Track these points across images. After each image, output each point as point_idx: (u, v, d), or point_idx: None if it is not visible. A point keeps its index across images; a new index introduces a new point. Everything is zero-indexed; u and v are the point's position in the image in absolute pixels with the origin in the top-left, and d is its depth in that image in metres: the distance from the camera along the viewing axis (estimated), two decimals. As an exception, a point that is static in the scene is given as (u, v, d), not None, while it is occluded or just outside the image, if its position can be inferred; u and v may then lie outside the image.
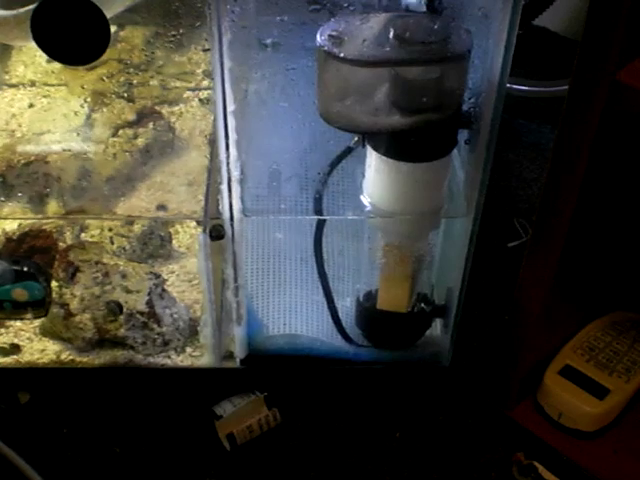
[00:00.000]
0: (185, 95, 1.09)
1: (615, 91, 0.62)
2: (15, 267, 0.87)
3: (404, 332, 0.90)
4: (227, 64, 0.68)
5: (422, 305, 0.88)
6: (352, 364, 0.91)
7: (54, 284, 0.91)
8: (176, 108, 1.07)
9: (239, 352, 0.90)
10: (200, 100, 1.03)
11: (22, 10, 0.74)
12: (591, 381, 0.84)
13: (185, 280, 0.97)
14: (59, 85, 1.01)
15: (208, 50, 0.69)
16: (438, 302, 0.89)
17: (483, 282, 1.01)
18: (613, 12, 0.59)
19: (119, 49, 1.11)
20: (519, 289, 0.80)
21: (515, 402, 0.87)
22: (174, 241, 1.01)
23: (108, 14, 0.69)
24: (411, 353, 0.91)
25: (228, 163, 0.74)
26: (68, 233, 0.97)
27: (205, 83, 1.02)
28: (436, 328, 0.93)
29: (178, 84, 1.09)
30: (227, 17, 0.66)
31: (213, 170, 0.81)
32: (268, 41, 0.72)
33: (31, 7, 0.67)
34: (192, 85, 1.08)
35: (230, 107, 0.71)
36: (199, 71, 1.01)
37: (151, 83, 1.06)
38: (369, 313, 0.88)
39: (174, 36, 0.98)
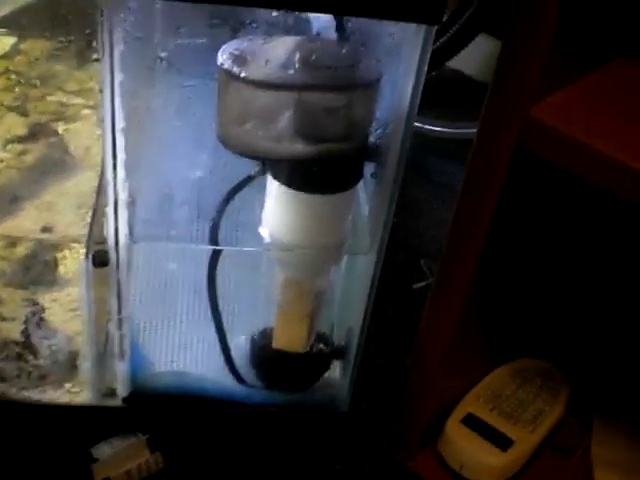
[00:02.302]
0: (83, 112, 1.05)
1: (528, 128, 0.60)
2: None
3: (300, 374, 0.86)
4: (118, 77, 0.63)
5: (321, 345, 0.84)
6: (244, 406, 0.86)
7: None
8: (72, 125, 1.03)
9: (121, 389, 0.84)
10: (99, 119, 0.99)
11: None
12: (494, 431, 0.81)
13: (68, 310, 0.91)
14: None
15: (98, 60, 0.64)
16: (338, 343, 0.85)
17: (386, 324, 0.98)
18: (530, 44, 0.57)
19: (17, 61, 1.05)
20: (422, 333, 0.77)
21: (415, 451, 0.84)
22: (60, 267, 0.95)
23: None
24: (307, 396, 0.87)
25: (115, 184, 0.68)
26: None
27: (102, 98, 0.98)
28: (335, 370, 0.88)
29: (77, 100, 1.05)
30: (120, 26, 0.61)
31: (100, 192, 0.75)
32: (164, 55, 0.67)
33: None
34: (92, 103, 1.04)
35: (120, 124, 0.65)
36: (98, 88, 0.97)
37: (49, 98, 1.03)
38: (264, 352, 0.84)
39: (72, 48, 0.94)
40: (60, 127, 1.04)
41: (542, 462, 0.83)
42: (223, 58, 0.66)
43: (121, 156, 0.67)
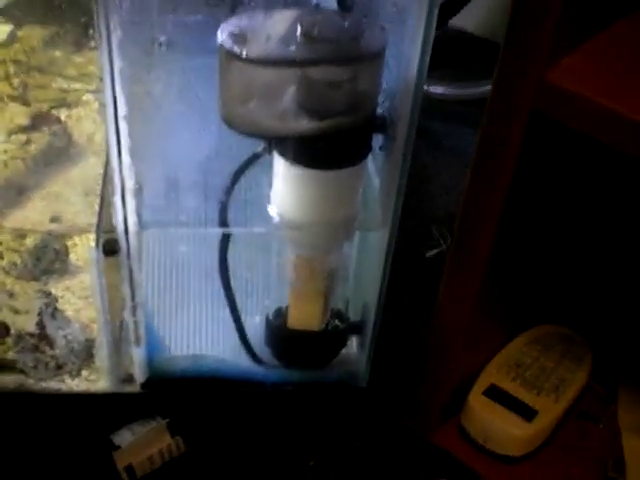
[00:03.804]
0: (84, 98, 1.03)
1: (542, 91, 0.58)
2: None
3: (317, 351, 0.85)
4: (117, 64, 0.62)
5: (336, 322, 0.83)
6: (262, 386, 0.86)
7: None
8: (74, 111, 1.02)
9: (139, 375, 0.84)
10: (100, 103, 0.98)
11: None
12: (518, 402, 0.80)
13: (82, 297, 0.91)
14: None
15: (96, 49, 0.63)
16: (354, 319, 0.85)
17: (400, 294, 0.97)
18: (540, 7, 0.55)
19: (15, 49, 1.04)
20: (440, 304, 0.76)
21: (437, 425, 0.83)
22: (71, 255, 0.94)
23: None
24: (325, 373, 0.87)
25: (121, 172, 0.67)
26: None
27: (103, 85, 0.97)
28: (352, 346, 0.88)
29: (78, 86, 1.04)
30: (116, 12, 0.60)
31: (107, 179, 0.74)
32: (163, 39, 0.66)
33: None
34: (92, 87, 1.03)
35: (122, 111, 0.64)
36: (98, 73, 0.96)
37: (49, 86, 1.02)
38: (279, 331, 0.83)
39: (69, 35, 0.93)
40: (62, 114, 1.02)
41: (568, 431, 0.83)
42: (223, 37, 0.65)
43: (125, 143, 0.66)
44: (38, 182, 0.93)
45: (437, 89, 1.30)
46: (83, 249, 0.95)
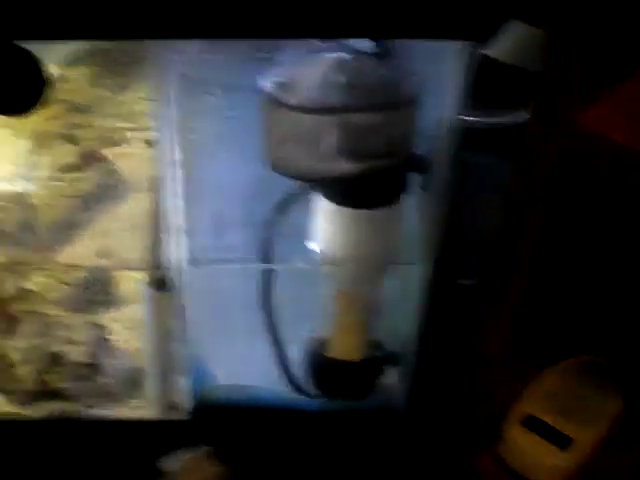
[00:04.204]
0: (129, 135, 1.06)
1: (575, 136, 0.61)
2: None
3: (357, 381, 0.87)
4: (171, 113, 0.66)
5: (375, 353, 0.86)
6: (303, 414, 0.88)
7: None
8: (119, 149, 1.05)
9: (185, 403, 0.87)
10: (144, 141, 1.01)
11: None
12: (553, 431, 0.81)
13: (128, 327, 0.94)
14: (2, 127, 0.98)
15: (153, 100, 0.67)
16: (392, 349, 0.87)
17: (435, 322, 0.99)
18: (572, 54, 0.58)
19: (63, 89, 1.08)
20: (478, 338, 0.77)
21: (474, 453, 0.85)
22: (117, 287, 0.98)
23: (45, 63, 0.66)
24: (364, 402, 0.89)
25: (173, 213, 0.71)
26: (8, 281, 0.94)
27: (149, 124, 1.00)
28: (391, 375, 0.90)
29: (123, 125, 1.07)
30: (171, 66, 0.64)
31: (157, 219, 0.78)
32: (213, 89, 0.70)
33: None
34: (136, 126, 1.06)
35: (175, 156, 0.68)
36: (143, 111, 0.99)
37: (95, 124, 1.05)
38: (320, 362, 0.86)
39: (118, 76, 0.96)
40: (109, 152, 1.05)
41: (603, 459, 0.83)
42: (267, 85, 0.68)
43: (178, 186, 0.69)
44: (87, 218, 0.96)
45: (467, 117, 1.32)
46: (128, 282, 0.98)
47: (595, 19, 0.58)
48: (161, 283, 0.76)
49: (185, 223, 0.71)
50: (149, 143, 0.99)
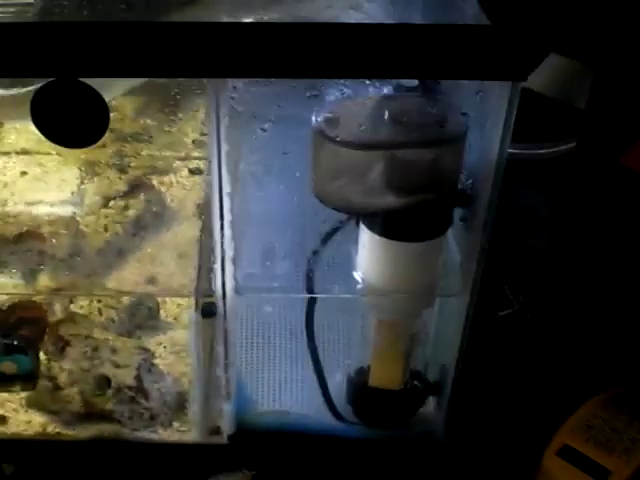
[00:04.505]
0: (175, 165, 1.09)
1: (618, 175, 0.62)
2: (4, 340, 0.87)
3: (396, 410, 0.89)
4: (224, 147, 0.68)
5: (415, 382, 0.87)
6: (343, 441, 0.89)
7: (43, 357, 0.90)
8: (166, 178, 1.07)
9: (227, 428, 0.89)
10: (190, 170, 1.04)
11: (22, 90, 0.74)
12: (591, 462, 0.82)
13: (173, 352, 0.96)
14: (52, 154, 1.01)
15: (205, 135, 0.70)
16: (432, 379, 0.88)
17: (475, 353, 0.99)
18: (618, 96, 0.60)
19: (111, 119, 1.11)
20: (517, 369, 0.78)
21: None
22: (161, 311, 1.00)
23: (107, 97, 0.69)
24: (403, 430, 0.90)
25: (222, 243, 0.73)
26: (58, 305, 0.97)
27: (195, 153, 1.02)
28: (429, 404, 0.91)
29: (168, 153, 1.09)
30: (222, 98, 0.67)
31: (204, 248, 0.80)
32: (264, 124, 0.72)
33: (31, 88, 0.67)
34: (182, 154, 1.08)
35: (226, 189, 0.71)
36: (188, 140, 1.02)
37: (142, 153, 1.07)
38: (361, 390, 0.87)
39: (166, 106, 0.98)
40: (155, 180, 1.07)
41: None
42: (317, 121, 0.71)
43: (227, 217, 0.72)
44: (135, 245, 0.98)
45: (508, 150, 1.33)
46: (172, 307, 1.01)
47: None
48: (207, 309, 0.78)
49: (232, 252, 0.73)
50: (196, 172, 1.02)
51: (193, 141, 1.03)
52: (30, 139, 1.02)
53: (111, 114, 1.15)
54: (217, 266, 0.75)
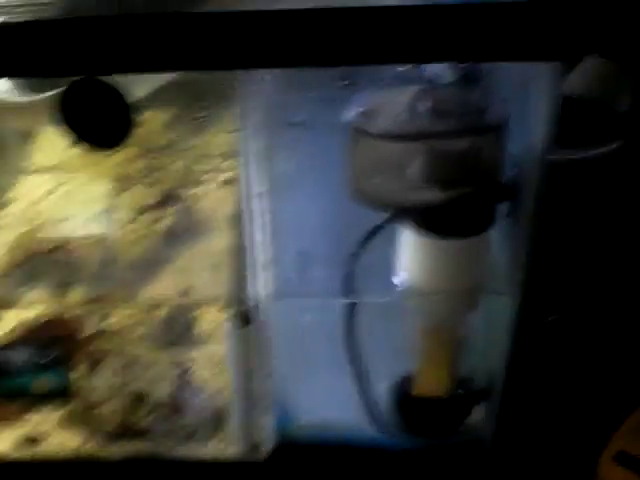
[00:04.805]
0: (204, 177, 1.08)
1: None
2: (37, 357, 0.85)
3: (444, 419, 0.85)
4: (254, 145, 0.66)
5: (462, 390, 0.83)
6: (388, 453, 0.86)
7: (76, 374, 0.89)
8: (195, 190, 1.07)
9: (267, 443, 0.86)
10: (219, 182, 1.03)
11: (48, 94, 0.72)
12: (647, 467, 0.78)
13: (209, 366, 0.94)
14: (79, 171, 1.01)
15: (235, 131, 0.67)
16: (480, 386, 0.84)
17: (524, 358, 0.96)
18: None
19: (139, 133, 1.10)
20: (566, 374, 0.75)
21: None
22: (198, 325, 0.98)
23: (133, 97, 0.67)
24: (451, 438, 0.86)
25: (256, 246, 0.71)
26: (90, 321, 0.95)
27: (224, 165, 1.02)
28: (477, 411, 0.87)
29: (197, 167, 1.09)
30: (254, 97, 0.64)
31: (237, 254, 0.78)
32: (296, 119, 0.70)
33: (54, 92, 0.65)
34: (210, 167, 1.08)
35: (257, 189, 0.68)
36: (217, 153, 1.01)
37: (170, 166, 1.07)
38: (406, 399, 0.84)
39: (194, 119, 0.97)
40: (184, 193, 1.07)
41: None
42: (351, 114, 0.68)
43: (260, 219, 0.69)
44: (167, 257, 0.97)
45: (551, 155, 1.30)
46: (208, 320, 0.99)
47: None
48: (244, 318, 0.76)
49: (267, 255, 0.71)
50: (228, 182, 1.00)
51: (221, 154, 1.02)
52: (57, 158, 1.02)
53: (139, 129, 1.15)
54: (251, 271, 0.72)
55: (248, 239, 0.71)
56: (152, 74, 0.69)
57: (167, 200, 1.05)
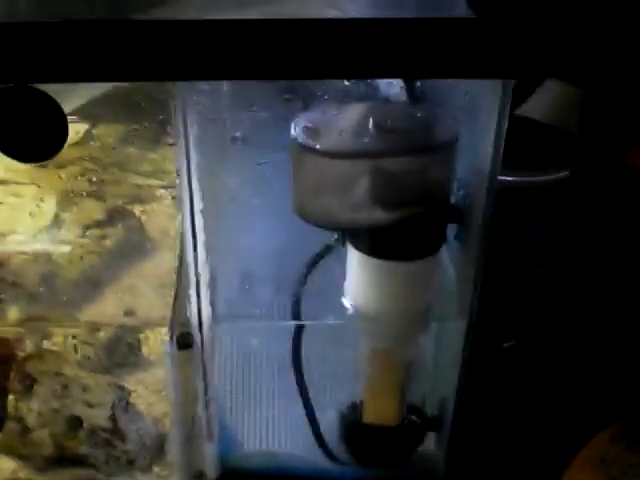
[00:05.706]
0: (158, 193, 1.06)
1: (624, 175, 0.58)
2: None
3: (394, 448, 0.82)
4: (194, 159, 0.63)
5: (413, 417, 0.81)
6: (337, 483, 0.83)
7: (10, 397, 0.85)
8: (148, 207, 1.04)
9: (211, 471, 0.82)
10: (173, 198, 1.00)
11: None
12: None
13: (154, 391, 0.90)
14: (28, 184, 0.98)
15: (173, 145, 0.65)
16: (431, 414, 0.82)
17: (476, 385, 0.94)
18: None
19: (91, 147, 1.07)
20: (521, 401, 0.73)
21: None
22: (143, 348, 0.94)
23: (67, 108, 0.64)
24: (402, 469, 0.83)
25: (196, 265, 0.68)
26: (28, 341, 0.91)
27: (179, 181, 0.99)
28: (429, 441, 0.85)
29: (151, 182, 1.06)
30: (193, 110, 0.61)
31: (180, 273, 0.75)
32: (238, 134, 0.67)
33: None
34: (165, 183, 1.05)
35: (198, 205, 0.65)
36: (173, 168, 0.98)
37: (123, 182, 1.04)
38: (354, 427, 0.81)
39: (145, 132, 0.95)
40: (136, 209, 1.04)
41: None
42: (296, 131, 0.65)
43: (201, 237, 0.66)
44: (113, 276, 0.95)
45: (506, 177, 1.30)
46: (155, 343, 0.95)
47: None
48: (182, 340, 0.72)
49: (207, 275, 0.68)
50: (176, 200, 0.98)
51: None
52: (7, 169, 0.99)
53: (92, 143, 1.12)
54: (192, 291, 0.69)
55: (189, 258, 0.68)
56: (83, 84, 0.65)
57: (116, 216, 1.02)
